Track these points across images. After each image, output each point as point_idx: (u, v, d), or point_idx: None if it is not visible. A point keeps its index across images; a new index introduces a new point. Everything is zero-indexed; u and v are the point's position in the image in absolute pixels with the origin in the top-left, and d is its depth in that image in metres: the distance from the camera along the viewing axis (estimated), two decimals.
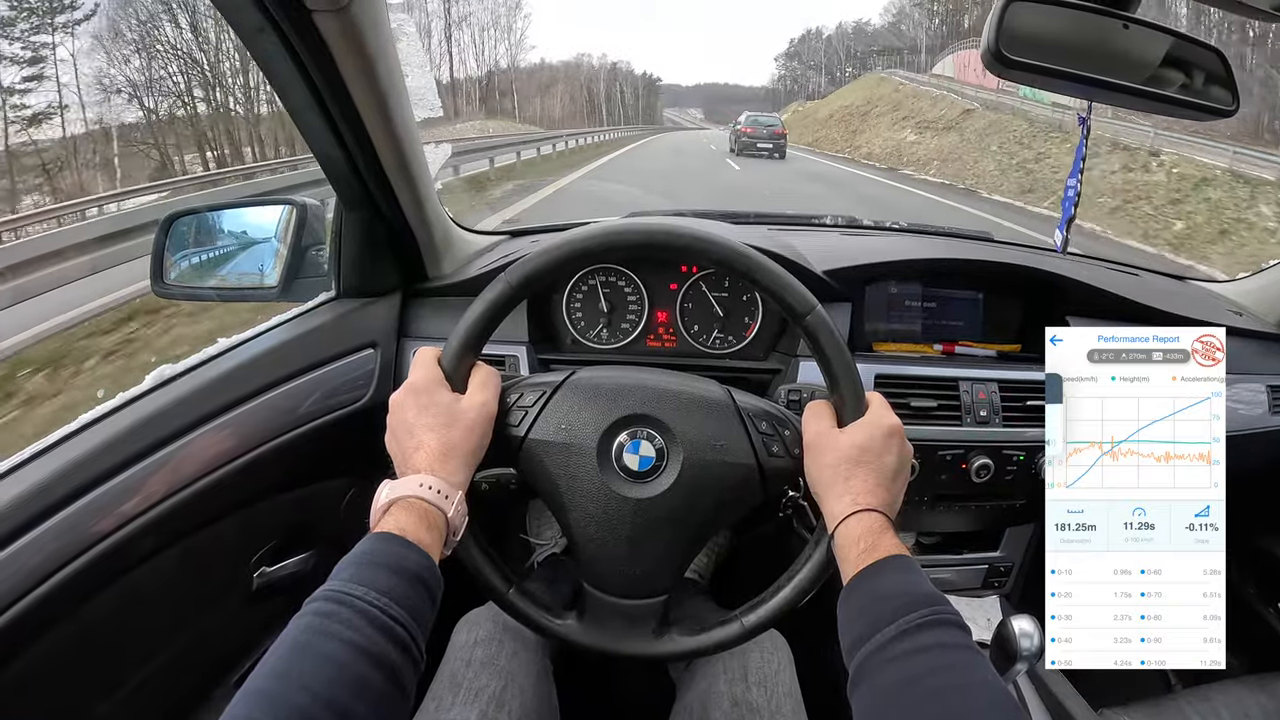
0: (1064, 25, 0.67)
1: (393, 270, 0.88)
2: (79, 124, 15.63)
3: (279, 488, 0.77)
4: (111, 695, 0.63)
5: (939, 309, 0.97)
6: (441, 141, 1.57)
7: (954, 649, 0.44)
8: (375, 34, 0.62)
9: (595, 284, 0.92)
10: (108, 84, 17.25)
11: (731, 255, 0.57)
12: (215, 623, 0.74)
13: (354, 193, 0.78)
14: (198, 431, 0.66)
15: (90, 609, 0.58)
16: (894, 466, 0.55)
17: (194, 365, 0.72)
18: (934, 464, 0.85)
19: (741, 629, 0.60)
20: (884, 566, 0.49)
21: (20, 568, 0.53)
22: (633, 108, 68.94)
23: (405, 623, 0.44)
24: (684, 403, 0.60)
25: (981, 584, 1.01)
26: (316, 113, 0.68)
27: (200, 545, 0.68)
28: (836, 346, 0.57)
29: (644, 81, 75.40)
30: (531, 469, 0.60)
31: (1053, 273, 0.91)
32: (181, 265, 0.88)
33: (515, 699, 0.68)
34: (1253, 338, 0.97)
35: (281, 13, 0.57)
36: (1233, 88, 0.72)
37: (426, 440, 0.54)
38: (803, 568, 0.59)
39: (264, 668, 0.40)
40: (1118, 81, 0.68)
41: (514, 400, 0.60)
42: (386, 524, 0.49)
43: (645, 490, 0.58)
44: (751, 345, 0.92)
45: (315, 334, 0.81)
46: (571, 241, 0.58)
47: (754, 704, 0.69)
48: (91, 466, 0.58)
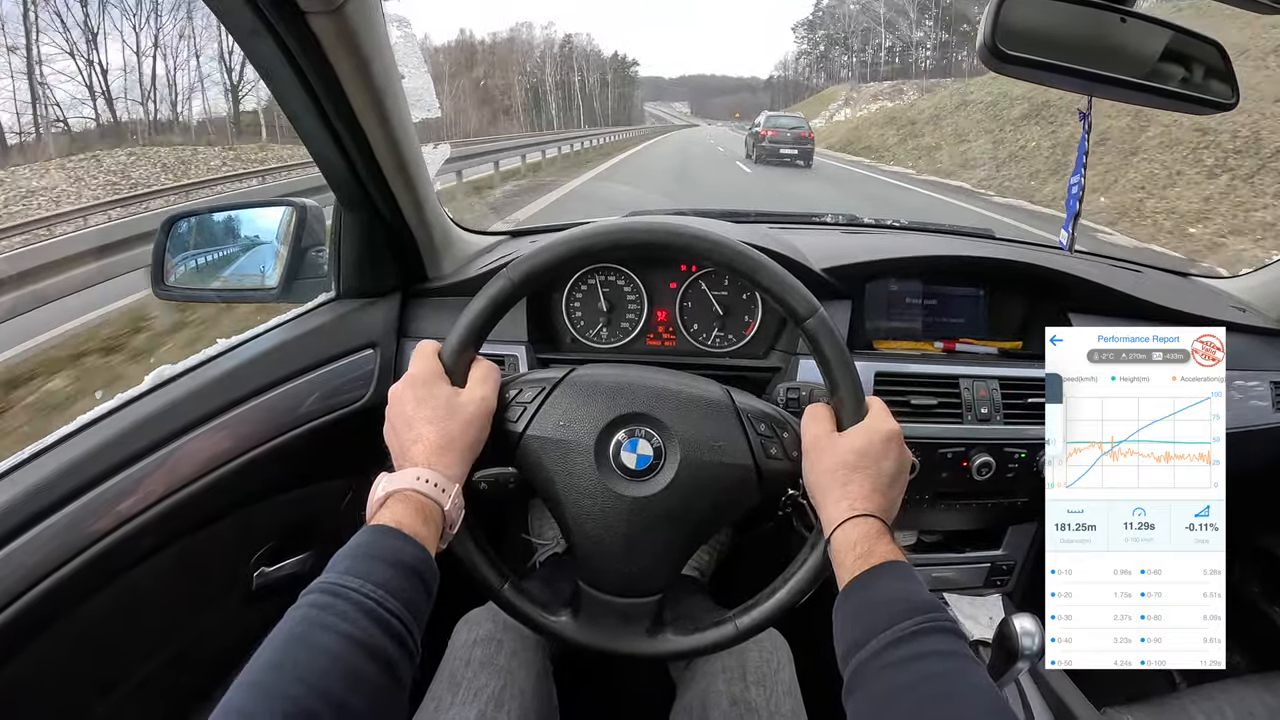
0: (1061, 19, 0.66)
1: (392, 271, 0.88)
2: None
3: (278, 488, 0.77)
4: (110, 694, 0.64)
5: (940, 306, 0.96)
6: (440, 143, 1.57)
7: (949, 656, 0.44)
8: (370, 35, 0.62)
9: (595, 283, 0.92)
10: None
11: (734, 256, 0.58)
12: (214, 622, 0.74)
13: (353, 194, 0.78)
14: (197, 432, 0.66)
15: (88, 609, 0.58)
16: (892, 472, 0.55)
17: (193, 366, 0.72)
18: (935, 462, 0.84)
19: (735, 630, 0.60)
20: (880, 572, 0.49)
21: (18, 567, 0.53)
22: (599, 100, 53.31)
23: (401, 615, 0.44)
24: (683, 402, 0.60)
25: (984, 582, 1.00)
26: (313, 114, 0.68)
27: (199, 545, 0.68)
28: (837, 349, 0.57)
29: (614, 66, 58.02)
30: (529, 465, 0.60)
31: (1054, 269, 0.91)
32: (182, 267, 0.88)
33: (515, 699, 0.68)
34: (1256, 334, 0.96)
35: (275, 15, 0.57)
36: (1232, 81, 0.71)
37: (424, 433, 0.54)
38: (798, 571, 0.59)
39: (259, 660, 0.40)
40: (1117, 76, 0.68)
41: (513, 396, 0.60)
42: (383, 517, 0.49)
43: (642, 489, 0.58)
44: (751, 343, 0.91)
45: (315, 334, 0.81)
46: (573, 239, 0.58)
47: (753, 703, 0.68)
48: (90, 467, 0.59)
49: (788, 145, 15.23)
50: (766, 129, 15.70)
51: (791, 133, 15.56)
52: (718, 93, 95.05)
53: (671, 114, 73.72)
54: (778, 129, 15.70)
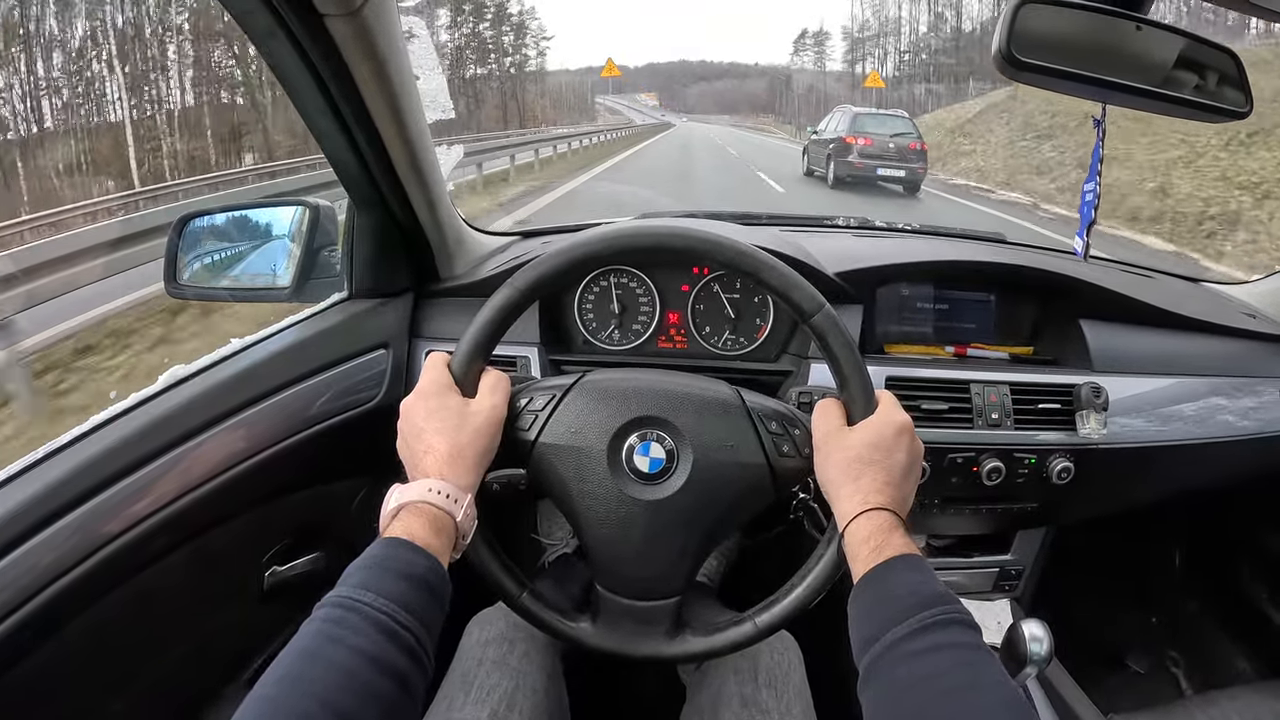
0: (1076, 27, 0.66)
1: (404, 271, 0.89)
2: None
3: (290, 488, 0.77)
4: (123, 693, 0.64)
5: (951, 311, 0.96)
6: (454, 143, 1.56)
7: (965, 648, 0.44)
8: (387, 37, 0.63)
9: (608, 284, 0.92)
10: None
11: (737, 256, 0.58)
12: (226, 622, 0.74)
13: (366, 194, 0.79)
14: (210, 432, 0.66)
15: (102, 608, 0.58)
16: (904, 464, 0.55)
17: (207, 365, 0.72)
18: (945, 467, 0.85)
19: (755, 629, 0.60)
20: (894, 565, 0.49)
21: (33, 566, 0.53)
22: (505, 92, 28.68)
23: (413, 628, 0.44)
24: (693, 404, 0.60)
25: (992, 587, 1.00)
26: (328, 115, 0.68)
27: (212, 546, 0.68)
28: (845, 345, 0.57)
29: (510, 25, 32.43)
30: (542, 473, 0.60)
31: (1066, 275, 0.91)
32: (194, 266, 0.89)
33: (527, 699, 0.68)
34: (1266, 340, 0.96)
35: (293, 17, 0.57)
36: (1246, 89, 0.71)
37: (435, 444, 0.54)
38: (814, 567, 0.59)
39: (273, 674, 0.40)
40: (1131, 84, 0.68)
41: (524, 404, 0.60)
42: (395, 529, 0.49)
43: (656, 492, 0.59)
44: (763, 347, 0.92)
45: (327, 334, 0.81)
46: (577, 246, 0.58)
47: (764, 704, 0.69)
48: (104, 467, 0.59)
49: (889, 163, 9.55)
50: (854, 135, 9.75)
51: (895, 143, 9.73)
52: (696, 78, 78.71)
53: (638, 108, 61.01)
54: (874, 136, 9.72)
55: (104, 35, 19.59)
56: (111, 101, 18.71)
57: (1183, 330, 0.94)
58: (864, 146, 9.58)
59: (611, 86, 61.85)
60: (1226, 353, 0.94)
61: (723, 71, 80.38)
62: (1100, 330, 0.91)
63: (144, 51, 19.88)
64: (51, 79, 18.18)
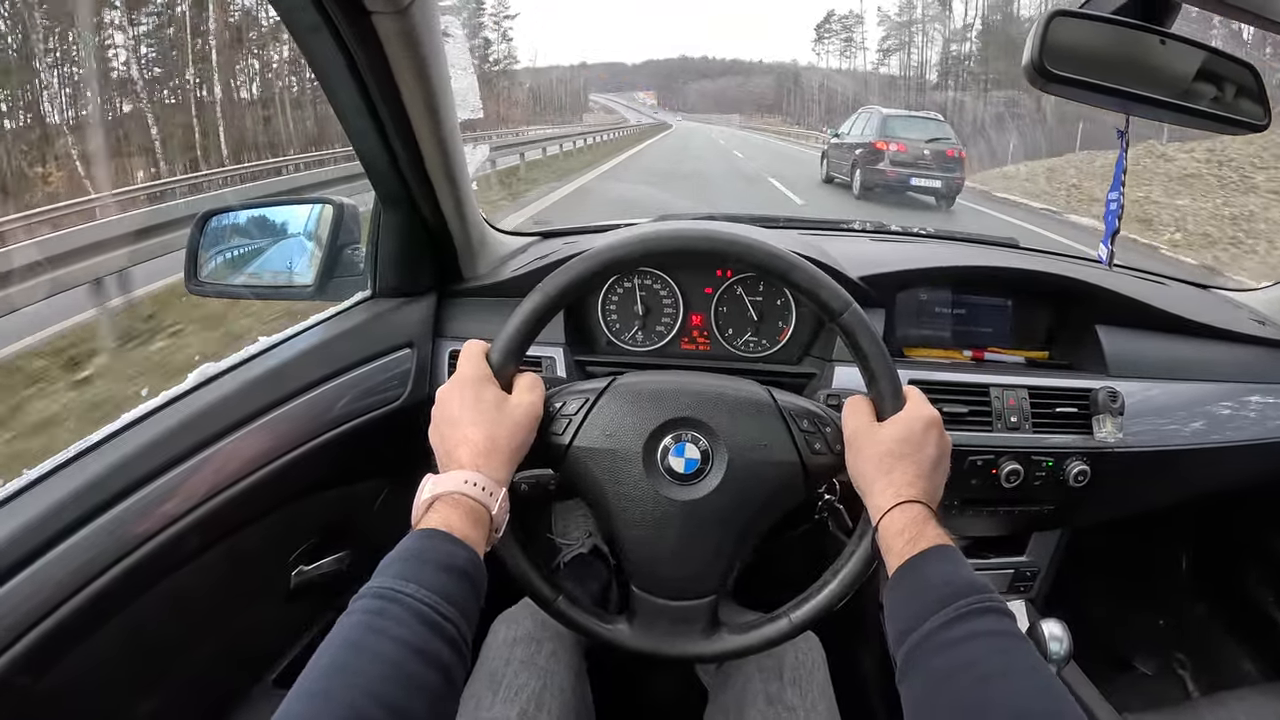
0: (1105, 40, 0.68)
1: (429, 270, 0.88)
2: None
3: (316, 488, 0.76)
4: (153, 693, 0.63)
5: (968, 315, 0.97)
6: (480, 143, 1.55)
7: (1001, 636, 0.45)
8: (430, 36, 0.63)
9: (632, 285, 0.92)
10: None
11: (768, 258, 0.59)
12: (253, 621, 0.74)
13: (395, 192, 0.78)
14: (240, 431, 0.66)
15: (136, 609, 0.58)
16: (934, 457, 0.56)
17: (235, 364, 0.72)
18: (964, 469, 0.85)
19: (790, 625, 0.60)
20: (929, 556, 0.50)
21: (68, 567, 0.52)
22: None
23: (455, 620, 0.44)
24: (727, 404, 0.61)
25: (1007, 588, 1.01)
26: (364, 112, 0.68)
27: (240, 546, 0.68)
28: (873, 342, 0.58)
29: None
30: (577, 476, 0.60)
31: (1083, 281, 0.92)
32: (216, 262, 0.88)
33: (555, 699, 0.68)
34: (1275, 347, 0.98)
35: (340, 13, 0.57)
36: (1264, 102, 0.73)
37: (471, 435, 0.54)
38: (848, 562, 0.59)
39: (316, 667, 0.40)
40: (1153, 95, 0.69)
41: (557, 408, 0.60)
42: (431, 520, 0.48)
43: (692, 492, 0.59)
44: (785, 349, 0.92)
45: (352, 334, 0.81)
46: (604, 251, 0.59)
47: (789, 703, 0.69)
48: (137, 467, 0.58)
49: (924, 171, 8.44)
50: (885, 139, 8.68)
51: (931, 149, 8.58)
52: (698, 76, 74.53)
53: (633, 105, 59.84)
54: (907, 141, 8.62)
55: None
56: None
57: (1195, 336, 0.95)
58: (896, 153, 8.53)
59: (609, 84, 60.70)
60: (1237, 359, 0.95)
61: (725, 69, 77.22)
62: (1115, 335, 0.92)
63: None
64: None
